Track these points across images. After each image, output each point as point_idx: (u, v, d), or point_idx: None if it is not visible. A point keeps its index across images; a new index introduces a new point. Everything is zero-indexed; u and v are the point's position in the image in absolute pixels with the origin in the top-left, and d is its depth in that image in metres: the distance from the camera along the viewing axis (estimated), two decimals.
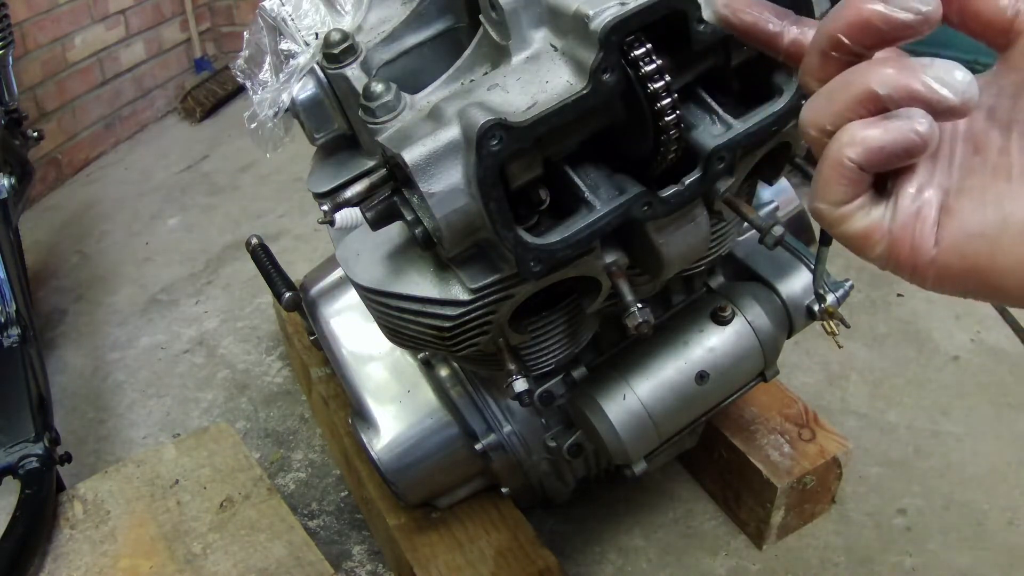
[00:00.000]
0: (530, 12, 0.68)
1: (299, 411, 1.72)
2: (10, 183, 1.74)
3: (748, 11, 0.46)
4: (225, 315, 2.03)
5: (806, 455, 1.30)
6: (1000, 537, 1.33)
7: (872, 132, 0.38)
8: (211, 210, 2.52)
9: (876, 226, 0.40)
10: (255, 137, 0.86)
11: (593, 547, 1.37)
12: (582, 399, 1.06)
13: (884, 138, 0.38)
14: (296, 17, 0.85)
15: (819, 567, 1.31)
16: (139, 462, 1.30)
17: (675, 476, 1.46)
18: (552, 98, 0.64)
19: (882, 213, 0.40)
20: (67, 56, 2.73)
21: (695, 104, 0.72)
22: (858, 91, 0.38)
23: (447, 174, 0.66)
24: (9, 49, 1.88)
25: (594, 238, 0.71)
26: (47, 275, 2.27)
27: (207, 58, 3.36)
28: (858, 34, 0.38)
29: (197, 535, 1.17)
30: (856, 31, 0.38)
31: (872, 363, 1.67)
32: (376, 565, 1.39)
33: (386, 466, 1.13)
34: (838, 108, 0.39)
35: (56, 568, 1.14)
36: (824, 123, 0.40)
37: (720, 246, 0.97)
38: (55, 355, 1.95)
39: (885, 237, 0.40)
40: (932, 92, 0.37)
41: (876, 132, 0.38)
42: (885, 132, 0.38)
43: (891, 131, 0.38)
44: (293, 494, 1.53)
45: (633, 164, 0.73)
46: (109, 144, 2.97)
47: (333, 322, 1.24)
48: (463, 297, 0.77)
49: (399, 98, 0.73)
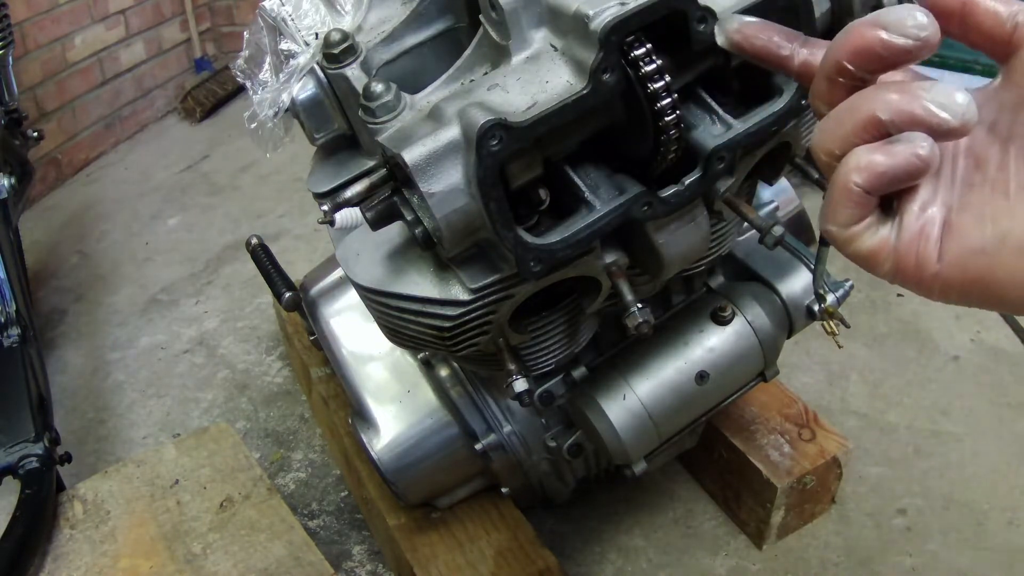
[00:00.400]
0: (530, 12, 0.68)
1: (299, 411, 1.72)
2: (10, 183, 1.74)
3: (759, 36, 0.47)
4: (225, 315, 2.03)
5: (806, 455, 1.30)
6: (1000, 537, 1.33)
7: (876, 158, 0.40)
8: (211, 210, 2.52)
9: (883, 244, 0.42)
10: (255, 137, 0.86)
11: (593, 547, 1.37)
12: (582, 399, 1.06)
13: (887, 163, 0.40)
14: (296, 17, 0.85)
15: (819, 567, 1.31)
16: (139, 462, 1.30)
17: (675, 476, 1.46)
18: (552, 98, 0.64)
19: (888, 232, 0.42)
20: (67, 56, 2.73)
21: (695, 104, 0.72)
22: (863, 117, 0.40)
23: (447, 174, 0.66)
24: (9, 49, 1.88)
25: (594, 238, 0.71)
26: (47, 275, 2.27)
27: (207, 58, 3.35)
28: (860, 60, 0.40)
29: (197, 535, 1.17)
30: (858, 58, 0.40)
31: (872, 363, 1.67)
32: (376, 565, 1.39)
33: (386, 466, 1.13)
34: (845, 133, 0.41)
35: (56, 568, 1.14)
36: (833, 148, 0.42)
37: (720, 246, 0.97)
38: (55, 355, 1.95)
39: (891, 255, 0.42)
40: (932, 116, 0.39)
41: (880, 158, 0.40)
42: (888, 157, 0.40)
43: (894, 156, 0.40)
44: (293, 494, 1.53)
45: (633, 164, 0.73)
46: (109, 144, 2.97)
47: (333, 322, 1.24)
48: (463, 297, 0.77)
49: (399, 98, 0.73)
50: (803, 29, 0.67)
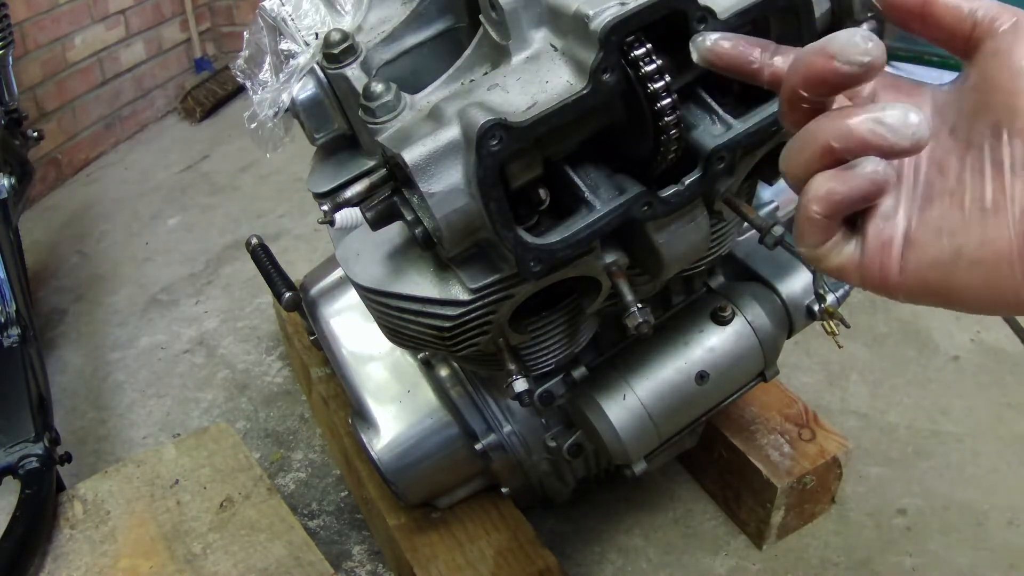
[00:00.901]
0: (530, 12, 0.68)
1: (299, 411, 1.72)
2: (10, 183, 1.74)
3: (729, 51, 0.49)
4: (225, 315, 2.03)
5: (806, 455, 1.30)
6: (1000, 537, 1.33)
7: (832, 186, 0.43)
8: (211, 210, 2.52)
9: (848, 261, 0.45)
10: (255, 137, 0.86)
11: (593, 547, 1.37)
12: (582, 399, 1.06)
13: (843, 191, 0.42)
14: (296, 17, 0.85)
15: (819, 567, 1.31)
16: (139, 462, 1.30)
17: (675, 476, 1.46)
18: (552, 98, 0.64)
19: (853, 249, 0.45)
20: (67, 56, 2.73)
21: (695, 104, 0.72)
22: (819, 147, 0.42)
23: (447, 174, 0.66)
24: (9, 49, 1.88)
25: (594, 238, 0.71)
26: (47, 275, 2.27)
27: (207, 58, 3.36)
28: (813, 87, 0.43)
29: (197, 535, 1.17)
30: (810, 85, 0.43)
31: (872, 363, 1.67)
32: (376, 565, 1.39)
33: (386, 466, 1.13)
34: (805, 160, 0.43)
35: (56, 568, 1.14)
36: (797, 173, 0.44)
37: (720, 246, 0.97)
38: (55, 355, 1.95)
39: (857, 269, 0.45)
40: (883, 140, 0.41)
41: (835, 186, 0.42)
42: (843, 185, 0.42)
43: (849, 183, 0.42)
44: (293, 494, 1.53)
45: (633, 164, 0.73)
46: (109, 144, 2.97)
47: (333, 322, 1.24)
48: (463, 297, 0.77)
49: (399, 98, 0.73)
50: (803, 29, 0.68)
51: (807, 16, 0.67)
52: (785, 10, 0.67)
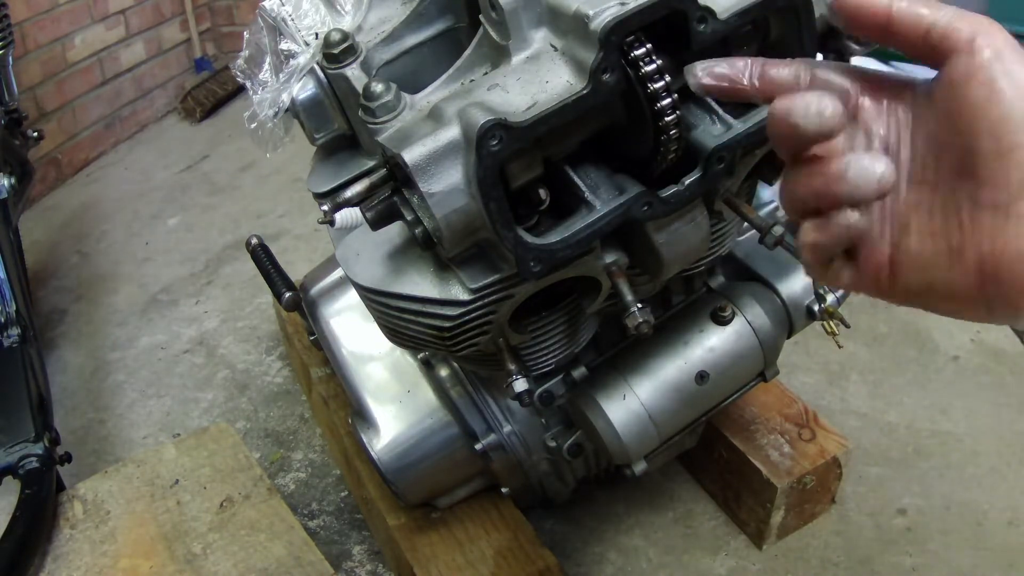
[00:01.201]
0: (530, 12, 0.68)
1: (299, 411, 1.72)
2: (10, 183, 1.74)
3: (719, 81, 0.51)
4: (225, 315, 2.03)
5: (806, 455, 1.30)
6: (1000, 537, 1.33)
7: (815, 237, 0.48)
8: (211, 210, 2.52)
9: (848, 284, 0.51)
10: (255, 137, 0.86)
11: (593, 547, 1.37)
12: (582, 399, 1.06)
13: (825, 240, 0.48)
14: (296, 17, 0.85)
15: (819, 567, 1.31)
16: (139, 462, 1.30)
17: (675, 476, 1.46)
18: (552, 98, 0.64)
19: (851, 274, 0.50)
20: (67, 56, 2.73)
21: (695, 104, 0.72)
22: (800, 204, 0.48)
23: (447, 174, 0.66)
24: (9, 49, 1.88)
25: (594, 238, 0.71)
26: (47, 275, 2.27)
27: (207, 58, 3.36)
28: (785, 145, 0.47)
29: (197, 535, 1.17)
30: (782, 143, 0.47)
31: (872, 363, 1.67)
32: (376, 565, 1.39)
33: (386, 466, 1.13)
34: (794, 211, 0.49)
35: (56, 568, 1.14)
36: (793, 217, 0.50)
37: (720, 246, 0.97)
38: (55, 355, 1.95)
39: (856, 288, 0.51)
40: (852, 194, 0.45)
41: (817, 236, 0.48)
42: (823, 235, 0.48)
43: (829, 232, 0.48)
44: (293, 494, 1.53)
45: (633, 164, 0.73)
46: (109, 144, 2.97)
47: (333, 322, 1.24)
48: (463, 297, 0.77)
49: (399, 98, 0.73)
50: (803, 29, 0.68)
51: (807, 16, 0.67)
52: (785, 10, 0.67)
